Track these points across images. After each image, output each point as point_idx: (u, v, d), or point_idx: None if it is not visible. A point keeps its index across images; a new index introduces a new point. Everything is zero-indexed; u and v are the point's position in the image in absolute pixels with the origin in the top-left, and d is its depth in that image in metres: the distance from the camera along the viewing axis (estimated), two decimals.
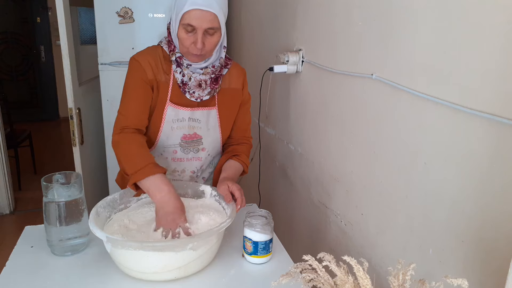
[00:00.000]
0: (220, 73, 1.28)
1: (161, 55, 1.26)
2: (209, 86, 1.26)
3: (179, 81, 1.24)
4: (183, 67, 1.23)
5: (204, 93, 1.26)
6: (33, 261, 1.08)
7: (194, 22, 1.13)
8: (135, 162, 1.13)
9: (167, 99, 1.25)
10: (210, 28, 1.14)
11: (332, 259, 0.70)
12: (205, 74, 1.25)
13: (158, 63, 1.25)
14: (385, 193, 1.11)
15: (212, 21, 1.14)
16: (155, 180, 1.11)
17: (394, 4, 1.03)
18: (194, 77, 1.23)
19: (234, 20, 2.65)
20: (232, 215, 1.06)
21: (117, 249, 0.97)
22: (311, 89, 1.55)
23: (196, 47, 1.16)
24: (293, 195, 1.79)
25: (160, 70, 1.25)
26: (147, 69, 1.23)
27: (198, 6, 1.11)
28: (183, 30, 1.16)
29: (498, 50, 0.74)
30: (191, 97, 1.25)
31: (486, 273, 0.79)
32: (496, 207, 0.76)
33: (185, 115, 1.27)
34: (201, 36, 1.15)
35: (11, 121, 3.47)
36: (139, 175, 1.11)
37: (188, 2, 1.11)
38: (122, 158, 1.18)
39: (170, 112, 1.26)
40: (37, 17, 5.56)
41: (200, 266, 1.04)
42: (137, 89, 1.23)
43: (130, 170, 1.13)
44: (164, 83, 1.25)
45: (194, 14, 1.12)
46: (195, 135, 1.31)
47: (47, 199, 1.06)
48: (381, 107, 1.11)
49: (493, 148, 0.76)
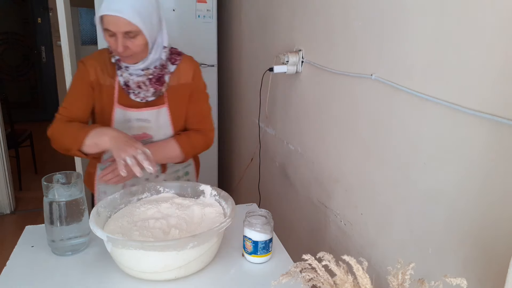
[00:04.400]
0: (162, 73, 1.30)
1: (107, 58, 1.28)
2: (151, 86, 1.28)
3: (122, 83, 1.27)
4: (122, 69, 1.27)
5: (149, 94, 1.28)
6: (33, 261, 1.08)
7: (110, 27, 1.14)
8: (72, 132, 1.18)
9: (114, 101, 1.28)
10: (128, 31, 1.15)
11: (332, 259, 0.70)
12: (146, 75, 1.28)
13: (104, 66, 1.28)
14: (385, 193, 1.12)
15: (127, 25, 1.13)
16: (95, 132, 1.15)
17: (393, 4, 1.03)
18: (132, 79, 1.27)
19: (234, 20, 2.65)
20: (232, 215, 1.06)
21: (117, 249, 0.97)
22: (311, 89, 1.55)
23: (118, 51, 1.18)
24: (293, 195, 1.79)
25: (105, 73, 1.28)
26: (91, 71, 1.27)
27: (110, 12, 1.12)
28: (106, 34, 1.18)
29: (497, 50, 0.74)
30: (136, 97, 1.28)
31: (485, 273, 0.79)
32: (496, 207, 0.76)
33: (132, 116, 1.30)
34: (121, 39, 1.15)
35: (12, 121, 3.47)
36: (80, 138, 1.15)
37: (102, 7, 1.13)
38: (59, 140, 1.22)
39: (118, 114, 1.29)
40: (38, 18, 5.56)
41: (200, 265, 1.04)
42: (77, 89, 1.28)
43: (69, 140, 1.17)
44: (109, 86, 1.28)
45: (108, 19, 1.14)
46: (144, 135, 1.33)
47: (47, 199, 1.06)
48: (381, 107, 1.11)
49: (493, 148, 0.76)
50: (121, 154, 1.10)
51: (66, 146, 1.19)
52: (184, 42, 2.69)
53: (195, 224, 1.11)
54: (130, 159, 1.09)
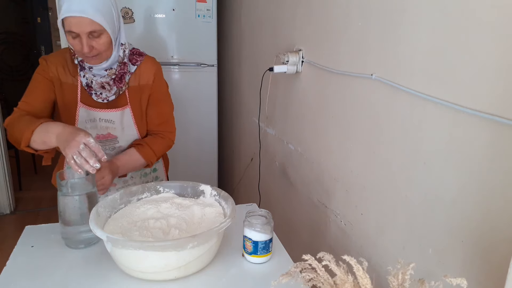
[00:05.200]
0: (124, 71, 1.29)
1: (68, 57, 1.29)
2: (114, 85, 1.29)
3: (84, 84, 1.27)
4: (85, 70, 1.26)
5: (110, 94, 1.29)
6: (33, 261, 1.08)
7: (74, 28, 1.14)
8: (22, 126, 1.16)
9: (77, 100, 1.28)
10: (92, 31, 1.15)
11: (332, 259, 0.70)
12: (109, 75, 1.28)
13: (65, 65, 1.28)
14: (385, 193, 1.12)
15: (90, 24, 1.13)
16: (41, 128, 1.12)
17: (394, 4, 1.03)
18: (95, 80, 1.27)
19: (234, 20, 2.65)
20: (232, 215, 1.06)
21: (117, 249, 0.97)
22: (311, 89, 1.55)
23: (83, 52, 1.17)
24: (293, 195, 1.79)
25: (66, 71, 1.28)
26: (51, 67, 1.27)
27: (71, 13, 1.11)
28: (69, 36, 1.17)
29: (498, 50, 0.74)
30: (98, 98, 1.28)
31: (485, 273, 0.79)
32: (496, 207, 0.76)
33: (96, 115, 1.31)
34: (86, 40, 1.15)
35: None
36: (27, 132, 1.12)
37: (63, 9, 1.12)
38: (12, 133, 1.20)
39: (82, 113, 1.30)
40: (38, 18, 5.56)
41: (200, 265, 1.04)
42: (37, 84, 1.28)
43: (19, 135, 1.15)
44: (71, 84, 1.28)
45: (70, 21, 1.13)
46: (108, 135, 1.35)
47: (62, 193, 1.07)
48: (381, 107, 1.11)
49: (493, 148, 0.76)
50: (67, 152, 1.05)
51: (17, 140, 1.17)
52: (184, 42, 2.69)
53: (195, 224, 1.11)
54: (77, 158, 1.05)
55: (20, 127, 1.17)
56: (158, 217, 1.13)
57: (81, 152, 1.05)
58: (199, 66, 2.74)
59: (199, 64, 2.73)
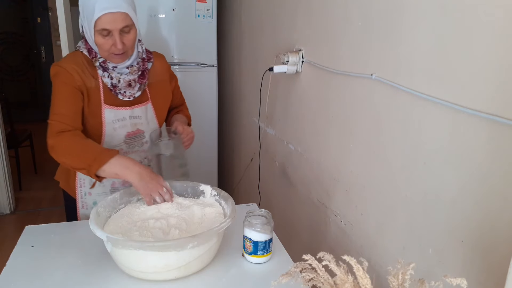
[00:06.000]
0: (145, 67, 1.33)
1: (84, 60, 1.27)
2: (137, 82, 1.31)
3: (109, 85, 1.27)
4: (110, 70, 1.26)
5: (135, 91, 1.31)
6: (33, 261, 1.08)
7: (108, 26, 1.16)
8: (87, 153, 1.15)
9: (101, 102, 1.28)
10: (124, 26, 1.18)
11: (332, 259, 0.70)
12: (132, 73, 1.29)
13: (84, 68, 1.26)
14: (385, 193, 1.12)
15: (124, 19, 1.17)
16: (117, 161, 1.14)
17: (394, 4, 1.03)
18: (123, 79, 1.27)
19: (234, 20, 2.65)
20: (232, 215, 1.06)
21: (117, 249, 0.97)
22: (311, 89, 1.55)
23: (117, 48, 1.19)
24: (293, 195, 1.79)
25: (87, 75, 1.26)
26: (75, 75, 1.23)
27: (107, 10, 1.14)
28: (100, 36, 1.18)
29: (498, 50, 0.74)
30: (124, 97, 1.29)
31: (485, 273, 0.79)
32: (496, 207, 0.76)
33: (125, 114, 1.32)
34: (118, 36, 1.18)
35: (11, 121, 3.47)
36: (98, 163, 1.12)
37: (97, 8, 1.13)
38: (68, 155, 1.18)
39: (108, 114, 1.29)
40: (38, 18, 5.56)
41: (200, 265, 1.04)
42: (67, 94, 1.23)
43: (84, 163, 1.13)
44: (94, 88, 1.27)
45: (105, 18, 1.14)
46: (138, 130, 1.37)
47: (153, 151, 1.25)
48: (381, 107, 1.11)
49: (493, 148, 0.76)
50: (149, 192, 1.15)
51: (76, 167, 1.16)
52: (184, 42, 2.69)
53: (195, 224, 1.11)
54: (159, 198, 1.16)
55: (83, 153, 1.15)
56: (158, 217, 1.13)
57: (163, 195, 1.16)
58: (199, 66, 2.74)
59: (199, 64, 2.73)
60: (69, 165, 1.20)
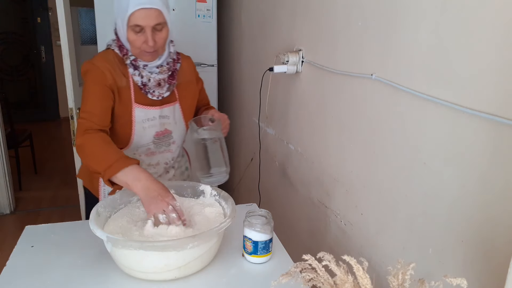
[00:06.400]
0: (175, 67, 1.33)
1: (115, 58, 1.28)
2: (167, 82, 1.31)
3: (139, 83, 1.27)
4: (140, 68, 1.26)
5: (163, 90, 1.30)
6: (33, 261, 1.08)
7: (141, 22, 1.16)
8: (105, 158, 1.13)
9: (131, 101, 1.28)
10: (157, 24, 1.18)
11: (332, 259, 0.70)
12: (162, 72, 1.29)
13: (115, 66, 1.26)
14: (385, 193, 1.12)
15: (158, 17, 1.17)
16: (131, 171, 1.10)
17: (394, 4, 1.03)
18: (153, 78, 1.27)
19: (234, 20, 2.65)
20: (232, 215, 1.06)
21: (117, 249, 0.97)
22: (311, 89, 1.55)
23: (148, 45, 1.19)
24: (293, 195, 1.79)
25: (118, 73, 1.26)
26: (107, 74, 1.24)
27: (141, 5, 1.14)
28: (132, 32, 1.18)
29: (498, 50, 0.74)
30: (153, 96, 1.29)
31: (485, 273, 0.79)
32: (496, 206, 0.76)
33: (155, 114, 1.32)
34: (150, 33, 1.18)
35: (11, 121, 3.47)
36: (113, 170, 1.10)
37: (131, 3, 1.14)
38: (89, 158, 1.18)
39: (138, 113, 1.29)
40: (38, 18, 5.56)
41: (200, 265, 1.04)
42: (97, 92, 1.23)
43: (101, 167, 1.12)
44: (125, 86, 1.27)
45: (139, 14, 1.15)
46: (166, 130, 1.37)
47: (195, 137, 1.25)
48: (381, 107, 1.11)
49: (493, 148, 0.76)
50: (151, 209, 1.07)
51: (95, 170, 1.15)
52: (184, 42, 2.68)
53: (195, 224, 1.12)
54: (162, 217, 1.07)
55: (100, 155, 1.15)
56: None
57: (168, 213, 1.07)
58: (199, 66, 2.73)
59: (199, 64, 2.73)
60: (90, 167, 1.20)
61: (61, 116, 5.98)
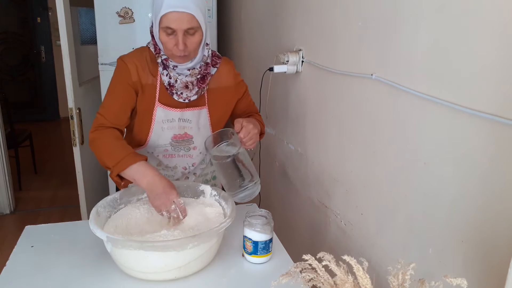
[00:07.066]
0: (207, 71, 1.28)
1: (148, 57, 1.27)
2: (196, 86, 1.27)
3: (165, 83, 1.25)
4: (170, 69, 1.24)
5: (191, 94, 1.27)
6: (33, 261, 1.08)
7: (173, 25, 1.13)
8: (115, 154, 1.15)
9: (155, 100, 1.27)
10: (189, 28, 1.15)
11: (332, 259, 0.70)
12: (192, 75, 1.26)
13: (145, 65, 1.26)
14: (385, 193, 1.12)
15: (190, 21, 1.14)
16: (138, 167, 1.12)
17: (394, 4, 1.03)
18: (180, 79, 1.25)
19: (234, 20, 2.65)
20: (232, 215, 1.06)
21: (117, 249, 0.97)
22: (311, 89, 1.55)
23: (178, 49, 1.16)
24: (293, 195, 1.79)
25: (146, 72, 1.26)
26: (133, 71, 1.24)
27: (174, 8, 1.11)
28: (164, 33, 1.16)
29: (498, 50, 0.74)
30: (179, 98, 1.26)
31: (485, 273, 0.79)
32: (496, 207, 0.76)
33: (175, 116, 1.29)
34: (181, 37, 1.15)
35: (11, 121, 3.47)
36: (121, 165, 1.12)
37: (164, 5, 1.11)
38: (100, 153, 1.19)
39: (159, 113, 1.28)
40: (38, 18, 5.56)
41: (200, 265, 1.04)
42: (119, 90, 1.25)
43: (111, 162, 1.14)
44: (150, 85, 1.26)
45: (171, 16, 1.12)
46: (185, 135, 1.33)
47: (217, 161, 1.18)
48: (381, 107, 1.11)
49: (493, 148, 0.76)
50: (156, 204, 1.11)
51: (105, 165, 1.17)
52: None
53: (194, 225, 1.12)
54: (166, 214, 1.12)
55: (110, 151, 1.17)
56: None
57: (171, 211, 1.11)
58: None
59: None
60: (100, 162, 1.20)
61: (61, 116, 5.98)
